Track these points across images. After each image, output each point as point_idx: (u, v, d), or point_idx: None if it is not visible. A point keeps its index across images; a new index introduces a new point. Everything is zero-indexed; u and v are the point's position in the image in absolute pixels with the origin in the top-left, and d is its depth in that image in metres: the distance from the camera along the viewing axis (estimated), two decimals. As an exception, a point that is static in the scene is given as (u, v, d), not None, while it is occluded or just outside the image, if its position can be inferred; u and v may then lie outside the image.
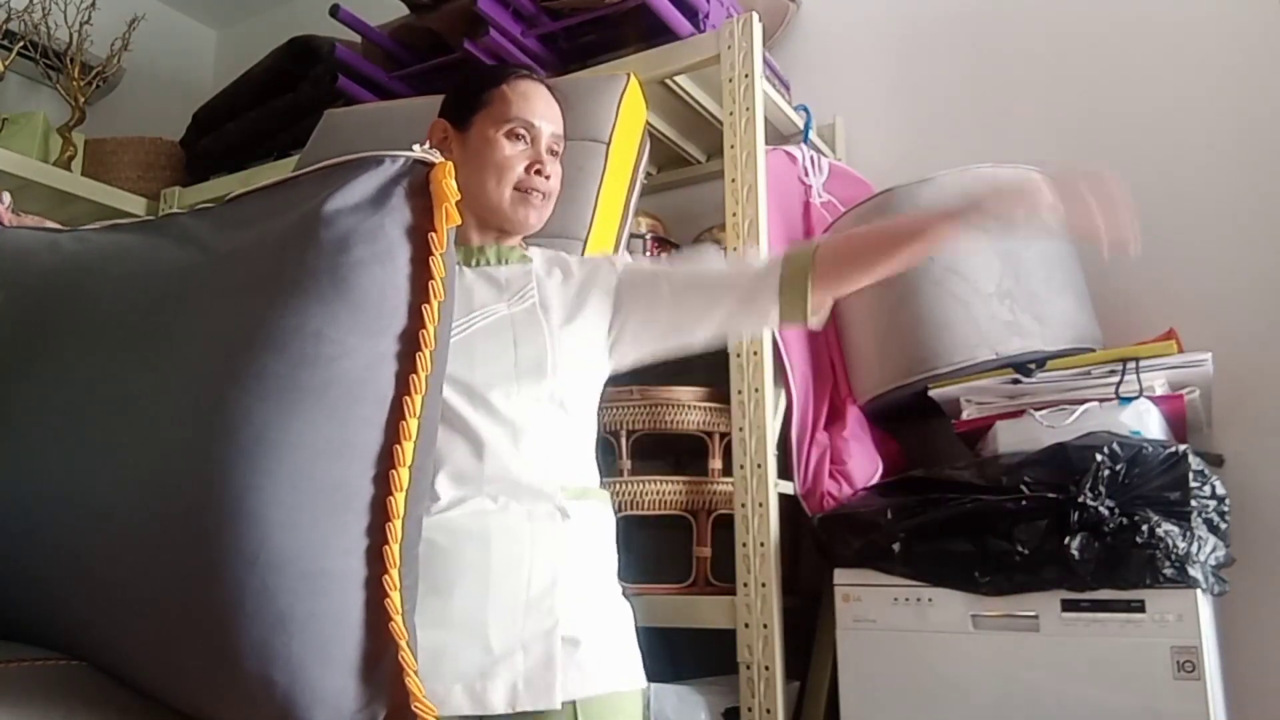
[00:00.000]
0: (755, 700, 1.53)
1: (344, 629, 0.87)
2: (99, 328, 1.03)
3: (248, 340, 0.89)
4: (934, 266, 1.66)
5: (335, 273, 0.90)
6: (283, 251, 0.93)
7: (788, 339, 1.73)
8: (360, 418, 0.90)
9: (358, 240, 0.92)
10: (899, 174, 1.82)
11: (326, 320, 0.89)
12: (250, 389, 0.87)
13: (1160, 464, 1.37)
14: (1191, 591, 1.29)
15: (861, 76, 2.25)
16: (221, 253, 1.00)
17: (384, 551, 0.88)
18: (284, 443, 0.86)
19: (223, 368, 0.90)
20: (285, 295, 0.90)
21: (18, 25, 2.53)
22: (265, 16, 3.24)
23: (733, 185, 1.71)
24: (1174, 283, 1.84)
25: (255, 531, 0.84)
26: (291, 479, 0.86)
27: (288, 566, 0.84)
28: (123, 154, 2.56)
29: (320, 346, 0.89)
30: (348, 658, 0.86)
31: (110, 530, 0.92)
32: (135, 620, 0.90)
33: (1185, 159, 1.88)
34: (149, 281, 1.03)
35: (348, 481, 0.89)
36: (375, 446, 0.90)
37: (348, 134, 1.78)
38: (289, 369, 0.88)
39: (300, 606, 0.85)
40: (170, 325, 0.97)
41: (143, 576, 0.89)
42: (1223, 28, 1.90)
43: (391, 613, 0.88)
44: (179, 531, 0.87)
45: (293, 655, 0.84)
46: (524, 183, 1.27)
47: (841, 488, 1.70)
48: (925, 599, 1.46)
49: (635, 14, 1.84)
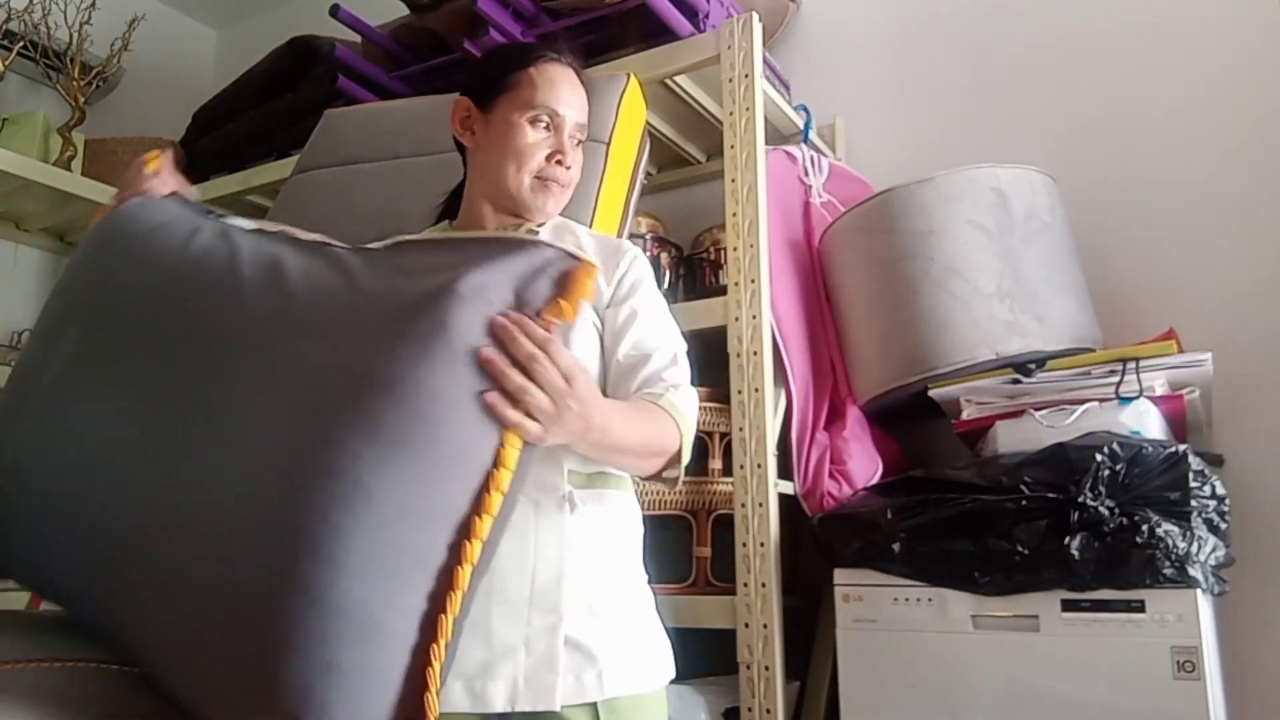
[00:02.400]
0: (755, 700, 1.53)
1: (382, 688, 0.86)
2: (223, 332, 1.03)
3: (367, 383, 0.90)
4: (934, 266, 1.66)
5: (465, 340, 0.92)
6: (422, 307, 0.94)
7: (788, 339, 1.73)
8: (452, 485, 0.91)
9: (493, 313, 0.95)
10: (899, 174, 1.82)
11: (447, 381, 0.90)
12: (361, 431, 0.88)
13: (1160, 464, 1.36)
14: (1191, 591, 1.29)
15: (861, 76, 2.25)
16: (367, 291, 1.00)
17: (439, 620, 0.89)
18: (379, 493, 0.86)
19: (336, 403, 0.90)
20: (414, 348, 0.91)
21: (18, 25, 2.53)
22: (265, 16, 3.25)
23: (733, 185, 1.71)
24: (1174, 283, 1.84)
25: (327, 573, 0.84)
26: (376, 531, 0.86)
27: (349, 615, 0.84)
28: (123, 154, 2.56)
29: (435, 407, 0.90)
30: (378, 718, 0.86)
31: (190, 531, 0.92)
32: (188, 625, 0.90)
33: (1186, 159, 1.88)
34: (286, 307, 1.03)
35: (425, 544, 0.89)
36: (458, 516, 0.91)
37: (348, 134, 1.78)
38: (402, 422, 0.88)
39: (349, 656, 0.84)
40: (294, 351, 0.97)
41: (208, 584, 0.89)
42: (1223, 28, 1.90)
43: (430, 682, 0.88)
44: (254, 553, 0.87)
45: (329, 703, 0.84)
46: (544, 171, 1.25)
47: (841, 488, 1.70)
48: (925, 599, 1.46)
49: (635, 14, 1.84)
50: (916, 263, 1.68)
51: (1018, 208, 1.68)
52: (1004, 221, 1.67)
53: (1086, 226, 1.83)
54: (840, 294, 1.86)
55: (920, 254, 1.68)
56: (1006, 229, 1.66)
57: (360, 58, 2.18)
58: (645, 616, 1.22)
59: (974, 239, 1.66)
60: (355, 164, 1.70)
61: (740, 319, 1.66)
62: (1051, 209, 1.73)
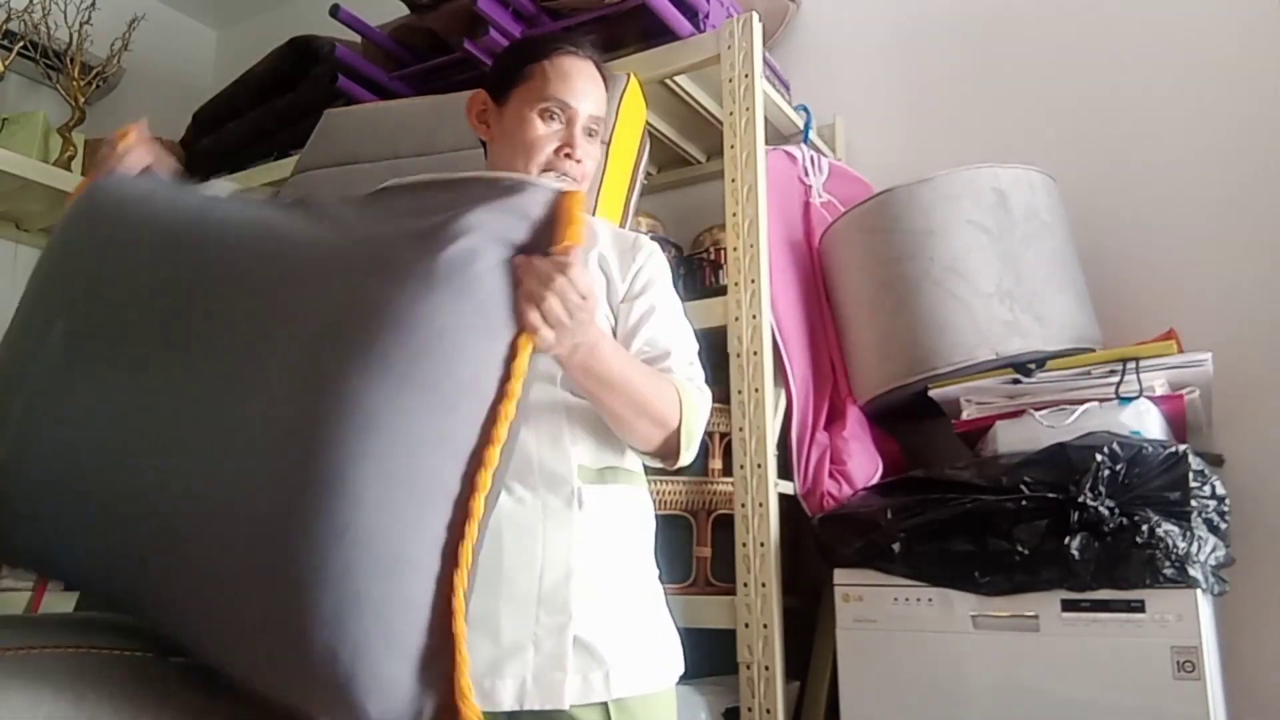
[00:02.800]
0: (755, 700, 1.53)
1: (412, 617, 0.87)
2: (221, 293, 1.03)
3: (373, 321, 0.91)
4: (934, 266, 1.66)
5: (465, 273, 0.93)
6: (419, 244, 0.96)
7: (788, 339, 1.73)
8: (464, 415, 0.92)
9: (490, 250, 0.95)
10: (899, 174, 1.82)
11: (452, 316, 0.92)
12: (371, 368, 0.89)
13: (1160, 464, 1.37)
14: (1191, 591, 1.29)
15: (861, 76, 2.25)
16: (358, 236, 1.01)
17: (459, 549, 0.89)
18: (393, 425, 0.88)
19: (343, 343, 0.91)
20: (415, 284, 0.92)
21: (18, 25, 2.53)
22: (265, 16, 3.25)
23: (733, 185, 1.71)
24: (1174, 283, 1.84)
25: (349, 505, 0.85)
26: (393, 461, 0.87)
27: (373, 545, 0.85)
28: (123, 154, 2.55)
29: (443, 340, 0.91)
30: (410, 646, 0.87)
31: (209, 482, 0.93)
32: (214, 576, 0.91)
33: (1185, 159, 1.88)
34: (280, 257, 1.03)
35: (441, 474, 0.90)
36: (470, 445, 0.92)
37: (348, 134, 1.78)
38: (410, 356, 0.90)
39: (377, 587, 0.85)
40: (296, 297, 0.98)
41: (230, 533, 0.89)
42: (1223, 27, 1.90)
43: (456, 610, 0.89)
44: (275, 492, 0.88)
45: (362, 634, 0.84)
46: (552, 164, 1.22)
47: (841, 488, 1.70)
48: (925, 599, 1.46)
49: (635, 14, 1.84)
50: (916, 263, 1.68)
51: (1018, 208, 1.68)
52: (1004, 221, 1.67)
53: (1086, 226, 1.83)
54: (840, 294, 1.86)
55: (920, 254, 1.68)
56: (1006, 229, 1.66)
57: (360, 58, 2.18)
58: (655, 614, 1.22)
59: (974, 239, 1.66)
60: (355, 164, 1.70)
61: (740, 319, 1.66)
62: (1051, 209, 1.73)
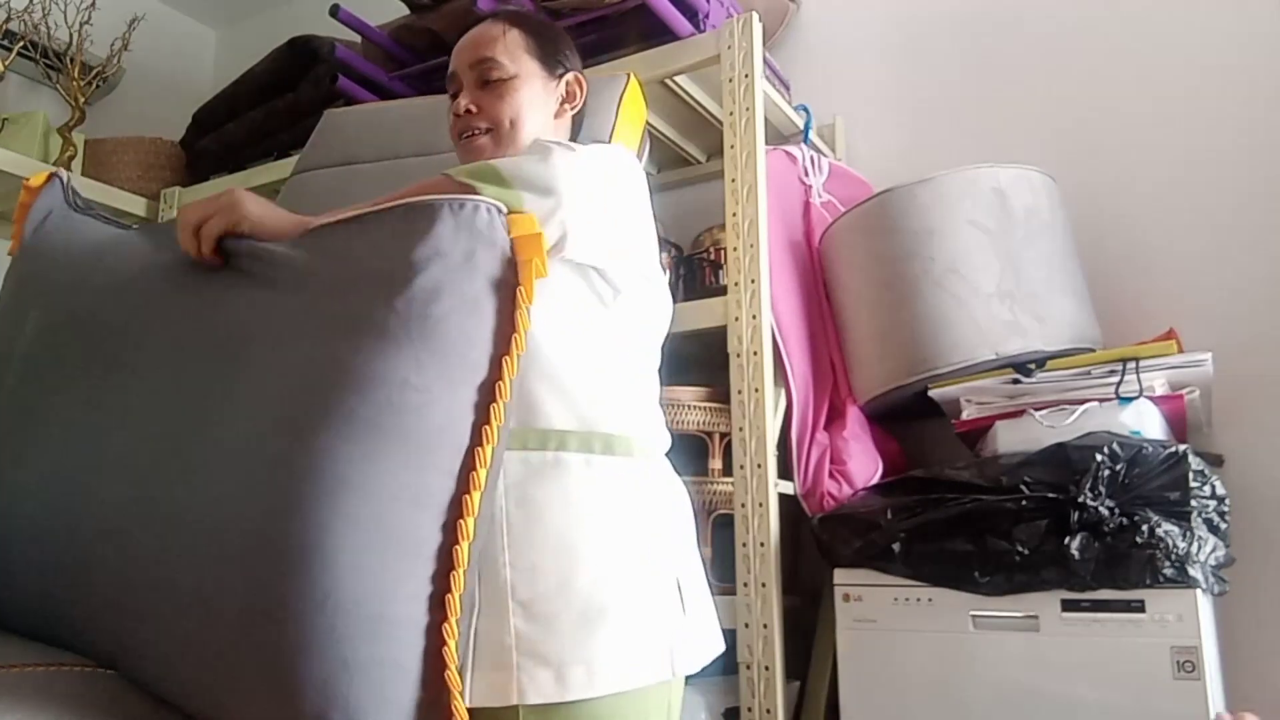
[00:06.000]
0: (755, 700, 1.53)
1: (403, 675, 0.87)
2: (178, 342, 1.02)
3: (333, 380, 0.90)
4: (934, 266, 1.66)
5: (425, 322, 0.91)
6: (373, 294, 0.93)
7: (788, 339, 1.73)
8: (437, 466, 0.91)
9: (447, 291, 0.93)
10: (899, 174, 1.82)
11: (413, 368, 0.90)
12: (336, 430, 0.87)
13: (1160, 464, 1.37)
14: (1191, 591, 1.29)
15: (861, 76, 2.25)
16: (308, 286, 0.98)
17: (446, 600, 0.89)
18: (364, 487, 0.86)
19: (305, 404, 0.89)
20: (373, 339, 0.90)
21: (18, 25, 2.53)
22: (265, 16, 3.25)
23: (733, 185, 1.71)
24: (1174, 283, 1.84)
25: (328, 574, 0.84)
26: (367, 524, 0.86)
27: (355, 610, 0.85)
28: (123, 154, 2.56)
29: (405, 394, 0.89)
30: (403, 704, 0.87)
31: (175, 550, 0.91)
32: (191, 642, 0.89)
33: (1185, 159, 1.88)
34: (230, 305, 1.01)
35: (419, 529, 0.89)
36: (447, 495, 0.91)
37: (348, 134, 1.77)
38: (374, 413, 0.88)
39: (364, 650, 0.85)
40: (251, 352, 0.96)
41: (205, 602, 0.88)
42: (1223, 26, 1.90)
43: (448, 661, 0.88)
44: (251, 564, 0.86)
45: (352, 698, 0.84)
46: (456, 128, 1.26)
47: (841, 488, 1.70)
48: (925, 599, 1.46)
49: (635, 14, 1.84)
50: (916, 263, 1.68)
51: (1018, 208, 1.68)
52: (1004, 221, 1.67)
53: (1086, 226, 1.83)
54: (840, 294, 1.86)
55: (920, 254, 1.68)
56: (1006, 229, 1.66)
57: (360, 58, 2.18)
58: (632, 606, 1.06)
59: (974, 239, 1.66)
60: (355, 164, 1.70)
61: (740, 319, 1.66)
62: (1051, 209, 1.73)
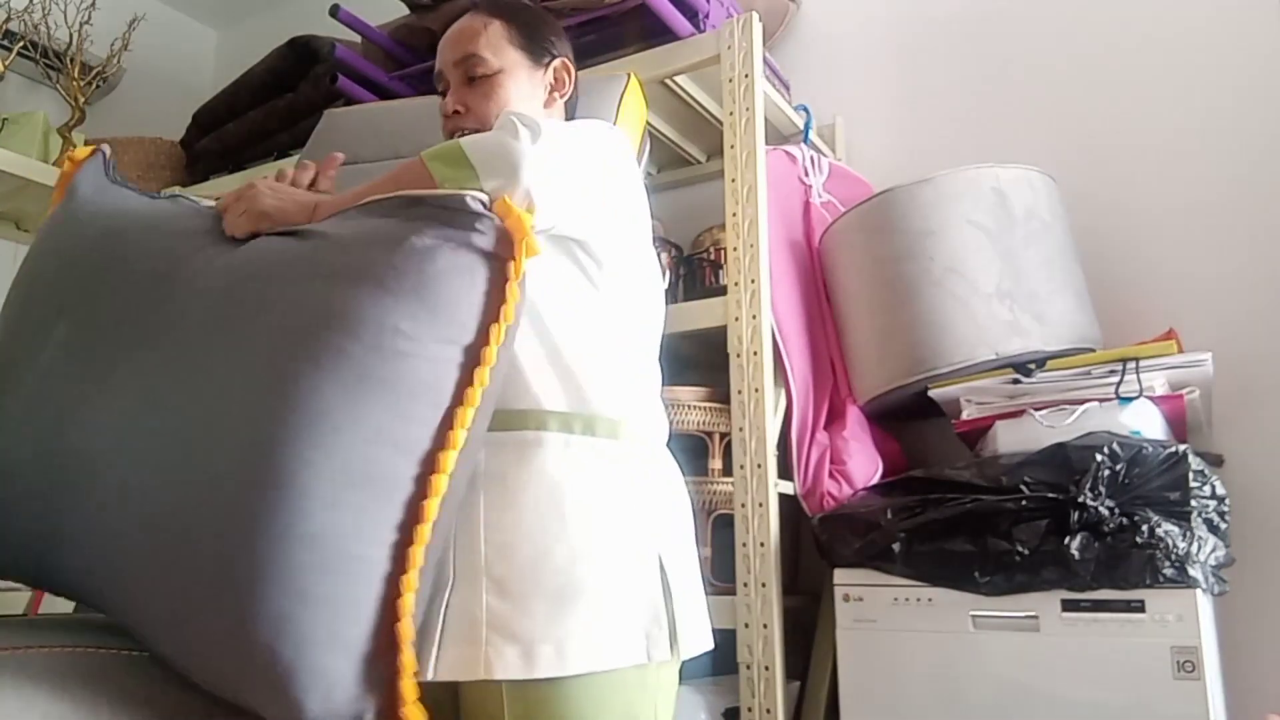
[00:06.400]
0: (755, 700, 1.53)
1: (356, 617, 0.88)
2: (185, 297, 1.04)
3: (327, 322, 0.92)
4: (934, 266, 1.66)
5: (420, 276, 0.94)
6: (373, 248, 0.97)
7: (788, 339, 1.73)
8: (418, 417, 0.93)
9: (445, 252, 0.96)
10: (899, 174, 1.82)
11: (405, 317, 0.93)
12: (323, 366, 0.90)
13: (1160, 464, 1.37)
14: (1191, 591, 1.29)
15: (861, 76, 2.25)
16: (323, 238, 1.03)
17: (409, 551, 0.90)
18: (344, 424, 0.89)
19: (298, 342, 0.92)
20: (370, 286, 0.93)
21: (18, 25, 2.53)
22: (265, 16, 3.25)
23: (733, 185, 1.71)
24: (1174, 283, 1.84)
25: (296, 504, 0.86)
26: (344, 460, 0.88)
27: (318, 544, 0.86)
28: (123, 154, 2.55)
29: (396, 341, 0.92)
30: (354, 645, 0.87)
31: (156, 481, 0.93)
32: (162, 572, 0.91)
33: (1186, 159, 1.88)
34: (253, 250, 1.06)
35: (393, 474, 0.91)
36: (424, 447, 0.93)
37: (348, 134, 1.77)
38: (363, 355, 0.91)
39: (321, 585, 0.86)
40: (255, 299, 0.99)
41: (178, 530, 0.90)
42: (1223, 28, 1.90)
43: (402, 612, 0.89)
44: (224, 490, 0.88)
45: (304, 633, 0.85)
46: (446, 128, 1.30)
47: (841, 488, 1.70)
48: (925, 599, 1.46)
49: (635, 14, 1.84)
50: (916, 263, 1.68)
51: (1018, 208, 1.68)
52: (1004, 221, 1.67)
53: (1086, 226, 1.83)
54: (840, 294, 1.86)
55: (920, 254, 1.68)
56: (1006, 229, 1.66)
57: (360, 58, 2.18)
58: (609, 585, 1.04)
59: (974, 239, 1.66)
60: (355, 164, 1.70)
61: (740, 319, 1.66)
62: (1051, 209, 1.73)
